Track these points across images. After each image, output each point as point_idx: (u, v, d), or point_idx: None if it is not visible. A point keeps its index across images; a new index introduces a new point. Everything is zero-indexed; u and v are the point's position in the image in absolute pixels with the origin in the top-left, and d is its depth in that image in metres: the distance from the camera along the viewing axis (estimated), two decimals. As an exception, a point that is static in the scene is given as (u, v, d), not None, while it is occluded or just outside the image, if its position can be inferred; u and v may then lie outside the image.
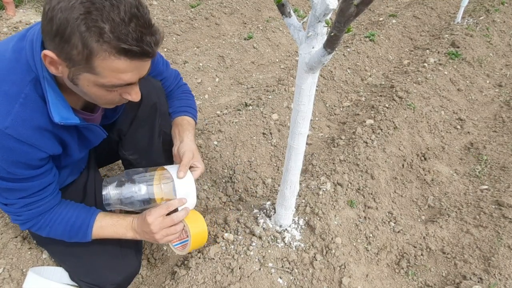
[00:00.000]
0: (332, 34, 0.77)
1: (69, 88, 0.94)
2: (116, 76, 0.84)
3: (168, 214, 1.11)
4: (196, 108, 1.42)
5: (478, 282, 1.42)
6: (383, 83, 2.84)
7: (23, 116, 0.86)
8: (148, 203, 1.11)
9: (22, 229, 1.09)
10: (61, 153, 1.03)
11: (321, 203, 1.60)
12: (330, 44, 0.82)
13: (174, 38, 3.05)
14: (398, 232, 1.66)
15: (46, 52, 0.81)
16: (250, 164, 1.94)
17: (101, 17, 0.75)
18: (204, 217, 1.63)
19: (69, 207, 1.11)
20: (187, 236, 1.17)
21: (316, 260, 1.41)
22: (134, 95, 0.95)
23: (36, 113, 0.89)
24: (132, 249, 1.35)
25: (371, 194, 1.78)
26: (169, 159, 1.50)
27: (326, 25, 0.87)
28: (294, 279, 1.36)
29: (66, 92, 0.95)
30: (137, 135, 1.31)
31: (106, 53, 0.78)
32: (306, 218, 1.55)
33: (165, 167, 1.15)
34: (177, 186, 1.10)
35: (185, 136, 1.23)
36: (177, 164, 1.18)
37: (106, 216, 1.13)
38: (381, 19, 3.88)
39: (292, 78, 2.59)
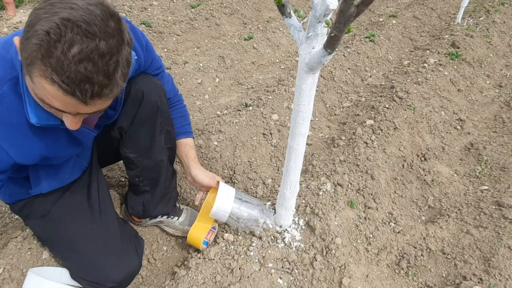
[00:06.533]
0: (332, 34, 0.77)
1: None
2: (46, 96, 0.77)
3: None
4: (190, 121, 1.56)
5: (478, 282, 1.42)
6: (383, 83, 2.84)
7: None
8: None
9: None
10: (43, 155, 1.02)
11: (321, 203, 1.60)
12: (330, 44, 0.82)
13: (174, 39, 3.05)
14: (398, 232, 1.65)
15: (16, 38, 0.78)
16: (250, 165, 1.94)
17: (59, 43, 0.70)
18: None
19: None
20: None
21: (316, 260, 1.40)
22: (69, 123, 0.85)
23: (11, 111, 0.87)
24: (133, 248, 1.36)
25: (371, 194, 1.78)
26: (171, 157, 1.50)
27: (326, 25, 0.87)
28: (294, 279, 1.36)
29: None
30: (138, 133, 1.31)
31: (42, 72, 0.72)
32: (306, 218, 1.54)
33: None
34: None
35: (197, 165, 1.46)
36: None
37: None
38: (381, 19, 3.89)
39: (292, 79, 2.59)
